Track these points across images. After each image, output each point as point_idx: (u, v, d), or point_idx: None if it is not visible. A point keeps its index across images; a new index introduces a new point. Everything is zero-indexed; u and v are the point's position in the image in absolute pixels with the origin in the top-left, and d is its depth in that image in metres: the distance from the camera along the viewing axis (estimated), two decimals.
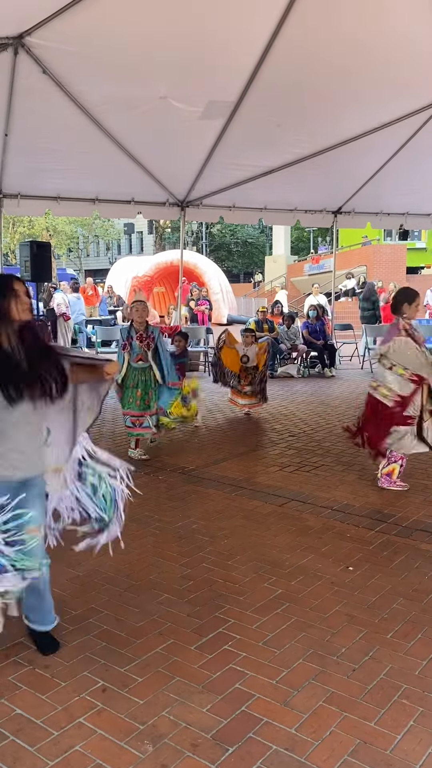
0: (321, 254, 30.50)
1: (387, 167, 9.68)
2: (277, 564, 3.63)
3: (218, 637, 2.88)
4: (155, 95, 7.06)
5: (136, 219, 23.96)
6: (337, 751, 2.18)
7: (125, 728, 2.28)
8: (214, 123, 7.93)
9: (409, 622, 3.01)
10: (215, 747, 2.19)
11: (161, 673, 2.61)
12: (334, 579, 3.44)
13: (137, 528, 4.16)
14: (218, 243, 46.71)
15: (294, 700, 2.44)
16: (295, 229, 38.19)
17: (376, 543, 3.93)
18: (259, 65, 6.59)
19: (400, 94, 7.57)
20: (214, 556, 3.74)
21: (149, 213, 10.93)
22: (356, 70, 6.81)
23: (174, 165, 9.30)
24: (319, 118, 8.07)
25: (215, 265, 25.71)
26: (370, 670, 2.63)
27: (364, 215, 11.82)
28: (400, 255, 24.35)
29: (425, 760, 2.14)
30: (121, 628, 2.95)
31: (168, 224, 34.97)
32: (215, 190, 10.24)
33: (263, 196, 10.59)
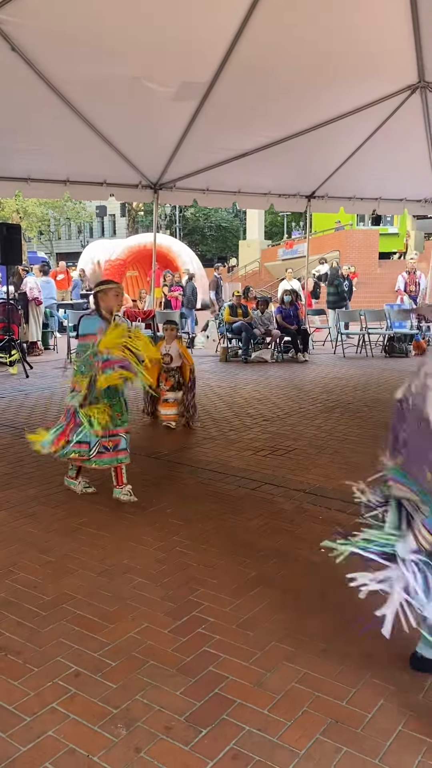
0: (294, 239, 30.49)
1: (360, 152, 9.69)
2: (250, 547, 3.65)
3: (192, 620, 2.89)
4: (127, 75, 6.94)
5: (108, 202, 23.71)
6: (309, 730, 2.20)
7: (98, 712, 2.28)
8: (188, 105, 7.84)
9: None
10: (188, 729, 2.21)
11: (135, 657, 2.61)
12: (307, 561, 3.47)
13: (111, 513, 4.15)
14: (192, 227, 46.41)
15: (267, 681, 2.46)
16: (269, 213, 38.14)
17: (347, 526, 3.96)
18: (232, 47, 6.52)
19: (374, 78, 7.57)
20: (188, 540, 3.74)
21: (122, 195, 10.79)
22: (329, 54, 6.78)
23: (147, 147, 9.19)
24: (292, 102, 8.03)
25: (189, 249, 25.54)
26: (342, 650, 2.67)
27: (338, 200, 11.84)
28: (373, 240, 24.45)
29: (395, 738, 2.18)
30: (94, 613, 2.94)
31: (141, 207, 34.64)
32: (189, 173, 10.15)
33: (237, 179, 10.54)
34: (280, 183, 11.10)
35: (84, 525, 3.96)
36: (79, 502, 4.35)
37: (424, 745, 2.15)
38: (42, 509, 4.23)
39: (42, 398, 8.08)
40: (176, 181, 10.45)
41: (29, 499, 4.42)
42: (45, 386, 8.99)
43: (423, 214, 14.44)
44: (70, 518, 4.06)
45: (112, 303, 4.39)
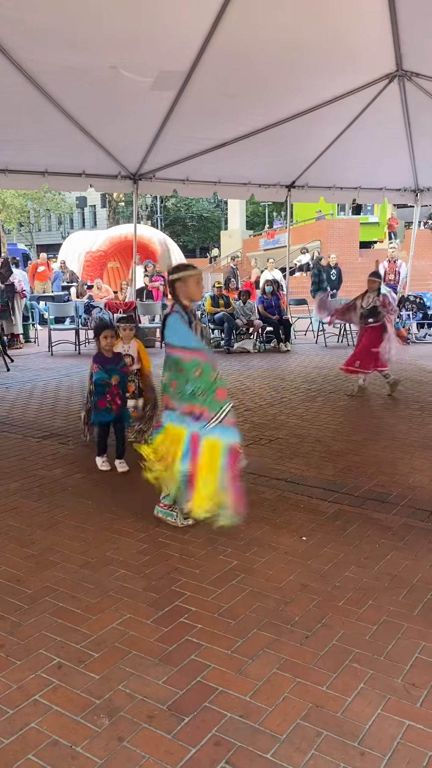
0: (276, 229, 30.49)
1: (339, 141, 9.70)
2: (232, 536, 3.67)
3: (174, 610, 2.91)
4: (104, 64, 6.87)
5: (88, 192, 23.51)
6: (289, 716, 2.24)
7: (81, 703, 2.30)
8: (166, 94, 7.79)
9: (360, 589, 3.09)
10: (171, 717, 2.23)
11: (117, 647, 2.63)
12: (288, 549, 3.51)
13: (93, 506, 4.15)
14: (173, 217, 46.20)
15: (248, 668, 2.49)
16: (250, 203, 38.07)
17: (328, 513, 4.01)
18: (210, 36, 6.47)
19: (351, 67, 7.56)
20: (170, 530, 3.76)
21: (101, 186, 10.72)
22: (307, 42, 6.75)
23: (125, 137, 9.11)
24: (271, 92, 8.00)
25: (170, 239, 25.44)
26: (322, 636, 2.70)
27: (318, 189, 11.84)
28: (354, 229, 24.51)
29: (374, 721, 2.22)
30: (77, 605, 2.95)
31: (121, 198, 34.38)
32: (168, 163, 10.10)
33: (217, 169, 10.50)
34: (260, 173, 11.09)
35: (66, 518, 3.96)
36: (60, 496, 4.35)
37: (402, 726, 2.19)
38: (24, 503, 4.22)
39: (23, 392, 8.03)
40: (156, 171, 10.39)
41: (11, 493, 4.41)
42: (26, 379, 8.94)
43: (402, 203, 14.49)
44: (52, 511, 4.06)
45: (194, 292, 3.69)
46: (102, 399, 4.75)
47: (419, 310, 12.61)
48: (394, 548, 3.51)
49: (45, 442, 5.66)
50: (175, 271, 3.66)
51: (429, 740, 2.13)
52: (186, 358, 3.43)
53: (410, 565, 3.32)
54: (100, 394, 4.76)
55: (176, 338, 3.52)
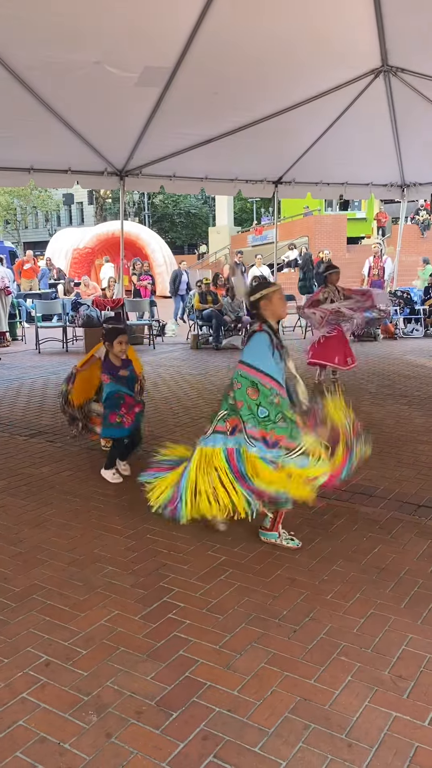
0: (264, 225, 30.49)
1: (326, 137, 9.69)
2: (220, 532, 3.67)
3: (162, 606, 2.91)
4: (89, 60, 6.83)
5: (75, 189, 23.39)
6: (277, 709, 2.25)
7: (69, 700, 2.29)
8: (152, 90, 7.75)
9: (347, 582, 3.11)
10: (159, 713, 2.23)
11: (105, 644, 2.63)
12: (275, 544, 3.51)
13: (80, 503, 4.14)
14: (161, 214, 46.07)
15: (236, 663, 2.50)
16: (237, 199, 38.02)
17: (316, 508, 4.01)
18: (195, 32, 6.44)
19: (337, 63, 7.56)
20: (158, 527, 3.75)
21: (87, 182, 10.65)
22: (293, 38, 6.74)
23: (111, 133, 9.07)
24: (257, 87, 7.98)
25: (158, 236, 25.38)
26: (310, 630, 2.72)
27: (305, 185, 11.84)
28: (341, 225, 24.56)
29: (361, 713, 2.23)
30: (65, 602, 2.95)
31: (108, 194, 34.24)
32: (155, 159, 10.06)
33: (204, 165, 10.47)
34: (247, 169, 11.06)
35: (54, 516, 3.95)
36: (48, 493, 4.33)
37: (389, 718, 2.21)
38: (11, 501, 4.20)
39: (10, 390, 7.99)
40: (142, 168, 10.35)
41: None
42: (14, 377, 8.89)
43: (389, 198, 14.53)
44: (39, 509, 4.05)
45: (280, 308, 3.46)
46: (114, 413, 4.33)
47: (406, 305, 12.67)
48: (382, 541, 3.53)
49: (32, 440, 5.64)
50: (257, 289, 3.45)
51: (415, 731, 2.14)
52: (264, 382, 3.23)
53: (397, 558, 3.34)
54: (113, 408, 4.34)
55: (259, 361, 3.29)
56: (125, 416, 4.35)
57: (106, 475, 4.53)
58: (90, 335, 11.23)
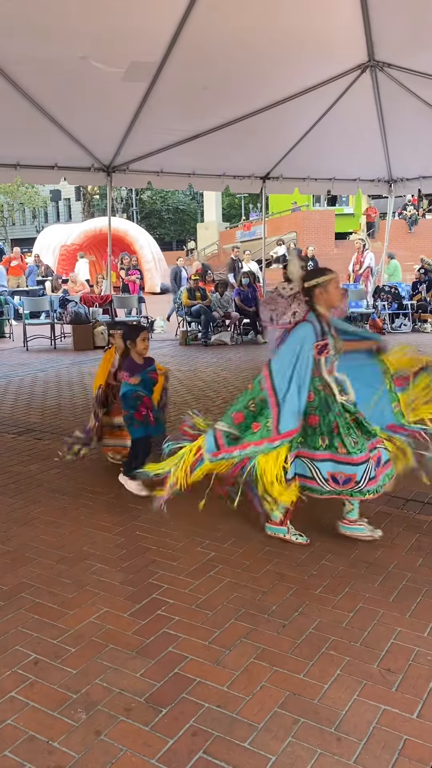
0: (252, 221, 30.46)
1: (313, 132, 9.68)
2: (210, 528, 3.67)
3: (152, 602, 2.90)
4: (75, 55, 6.78)
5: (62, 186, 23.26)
6: (266, 704, 2.25)
7: (58, 699, 2.28)
8: (138, 85, 7.71)
9: (336, 577, 3.11)
10: (149, 710, 2.23)
11: (95, 642, 2.62)
12: (265, 540, 3.52)
13: (69, 501, 4.13)
14: (149, 210, 45.94)
15: (226, 658, 2.50)
16: (226, 195, 38.00)
17: (305, 503, 4.01)
18: (181, 27, 6.41)
19: (324, 58, 7.54)
20: (147, 523, 3.75)
21: (74, 178, 10.57)
22: (279, 33, 6.72)
23: (98, 129, 9.01)
24: (243, 83, 7.95)
25: (146, 232, 25.29)
26: (299, 625, 2.72)
27: (292, 181, 11.82)
28: (329, 221, 24.62)
29: (350, 706, 2.24)
30: (53, 600, 2.93)
31: (96, 191, 34.09)
32: (142, 155, 10.01)
33: (191, 161, 10.43)
34: (235, 164, 11.03)
35: (42, 514, 3.93)
36: (36, 491, 4.31)
37: (378, 711, 2.21)
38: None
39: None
40: (129, 164, 10.29)
41: None
42: (1, 375, 8.84)
43: (377, 193, 14.54)
44: (27, 507, 4.02)
45: (335, 297, 3.32)
46: (138, 412, 4.13)
47: (394, 300, 12.70)
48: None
49: (20, 438, 5.61)
50: (312, 276, 3.31)
51: (404, 724, 2.15)
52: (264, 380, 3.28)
53: (386, 551, 3.35)
54: (134, 408, 4.13)
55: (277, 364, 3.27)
56: (148, 414, 4.14)
57: (132, 487, 4.19)
58: (78, 332, 11.20)
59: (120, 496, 4.18)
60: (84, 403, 6.94)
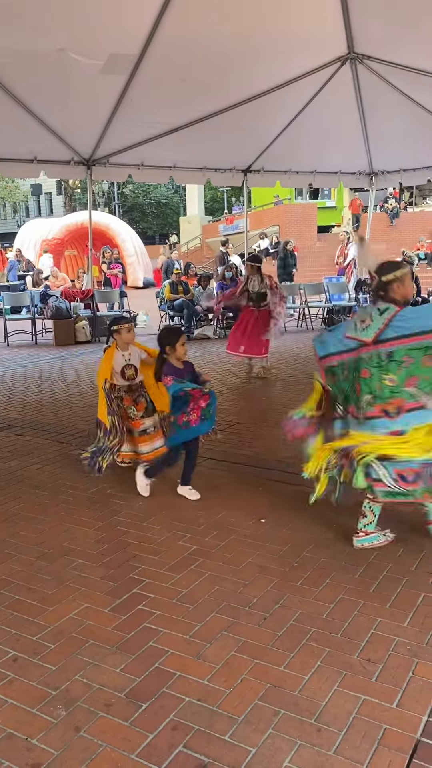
0: (235, 214, 30.41)
1: (294, 125, 9.67)
2: (191, 521, 3.67)
3: (132, 597, 2.89)
4: (53, 47, 6.70)
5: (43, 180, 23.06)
6: (247, 697, 2.25)
7: (37, 696, 2.27)
8: (117, 78, 7.64)
9: (318, 568, 3.12)
10: (128, 705, 2.22)
11: (74, 638, 2.60)
12: (247, 532, 3.52)
13: (49, 497, 4.10)
14: (131, 204, 45.67)
15: (206, 652, 2.49)
16: (208, 189, 37.87)
17: (287, 495, 4.02)
18: (159, 19, 6.36)
19: (303, 50, 7.52)
20: (128, 518, 3.73)
21: (53, 172, 10.50)
22: (258, 26, 6.69)
23: (77, 122, 8.92)
24: (223, 75, 7.92)
25: (128, 226, 25.14)
26: (280, 617, 2.72)
27: (274, 174, 11.81)
28: (311, 214, 24.64)
29: (331, 697, 2.24)
30: (33, 597, 2.91)
31: (77, 184, 33.84)
32: (122, 148, 9.93)
33: (172, 154, 10.38)
34: (216, 157, 10.99)
35: (23, 510, 3.90)
36: (16, 487, 4.28)
37: (358, 701, 2.22)
38: None
39: None
40: (110, 157, 10.22)
41: None
42: None
43: (358, 186, 14.58)
44: (7, 504, 3.99)
45: (409, 290, 3.37)
46: (183, 413, 3.85)
47: None
48: (352, 528, 3.54)
49: (0, 434, 5.56)
50: (389, 270, 3.27)
51: (384, 713, 2.16)
52: None
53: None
54: (182, 408, 3.86)
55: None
56: (191, 413, 3.85)
57: (142, 483, 4.07)
58: (59, 327, 11.12)
59: (101, 491, 4.16)
60: (65, 398, 6.90)
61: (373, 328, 3.21)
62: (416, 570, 3.08)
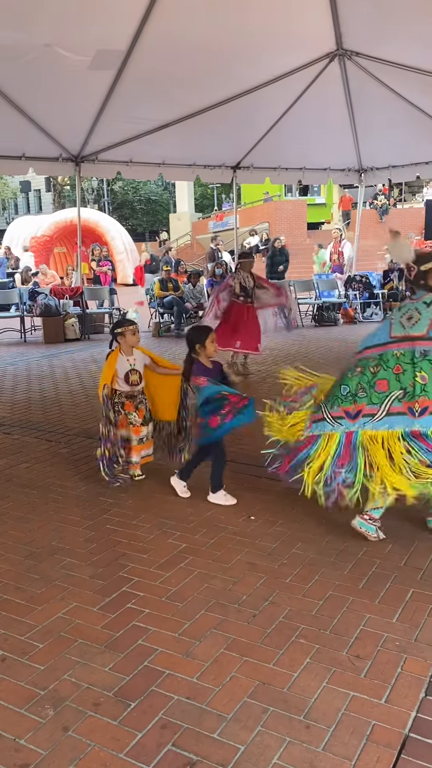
0: (225, 211, 30.35)
1: (283, 121, 9.67)
2: (181, 519, 3.66)
3: (122, 596, 2.88)
4: (39, 42, 6.65)
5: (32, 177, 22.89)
6: (236, 694, 2.25)
7: (25, 695, 2.26)
8: (105, 74, 7.60)
9: (307, 565, 3.12)
10: (117, 704, 2.21)
11: (63, 637, 2.59)
12: (237, 529, 3.52)
13: (38, 496, 4.08)
14: (121, 200, 45.48)
15: (196, 650, 2.49)
16: (198, 185, 37.77)
17: (277, 492, 4.02)
18: (147, 15, 6.33)
19: (292, 46, 7.52)
20: (118, 517, 3.72)
21: (42, 169, 10.44)
22: (247, 22, 6.68)
23: (65, 118, 8.88)
24: (212, 71, 7.90)
25: (118, 223, 25.05)
26: (269, 614, 2.72)
27: (263, 170, 11.81)
28: (301, 210, 24.64)
29: (319, 694, 2.25)
30: (21, 596, 2.90)
31: (66, 181, 33.68)
32: (111, 145, 9.90)
33: (161, 150, 10.35)
34: (205, 154, 10.98)
35: (11, 509, 3.88)
36: (4, 486, 4.25)
37: (347, 698, 2.23)
38: None
39: None
40: (98, 153, 10.17)
41: None
42: None
43: (348, 183, 14.59)
44: None
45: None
46: (216, 417, 3.73)
47: (365, 289, 12.77)
48: (341, 524, 3.55)
49: None
50: (427, 259, 3.33)
51: (372, 709, 2.17)
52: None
53: (356, 539, 3.36)
54: (216, 411, 3.73)
55: None
56: (226, 416, 3.75)
57: (178, 487, 4.01)
58: (48, 324, 11.07)
59: (90, 490, 4.14)
60: (54, 396, 6.87)
61: (423, 321, 3.23)
62: (405, 566, 3.09)
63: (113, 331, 4.20)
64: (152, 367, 4.23)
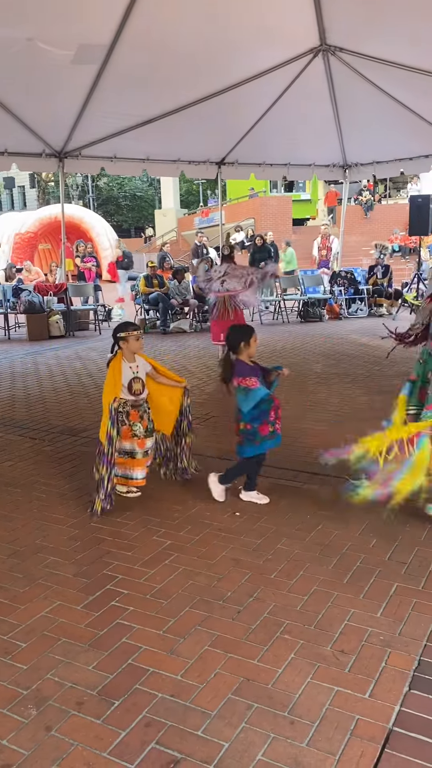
0: (210, 207, 30.29)
1: (267, 117, 9.66)
2: (166, 516, 3.65)
3: (105, 594, 2.87)
4: (21, 36, 6.59)
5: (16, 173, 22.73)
6: (221, 691, 2.24)
7: (8, 696, 2.23)
8: (88, 68, 7.55)
9: (291, 560, 3.12)
10: (101, 702, 2.20)
11: (46, 636, 2.57)
12: (222, 526, 3.51)
13: (22, 494, 4.05)
14: (106, 197, 45.25)
15: (180, 647, 2.48)
16: (183, 181, 37.67)
17: (262, 488, 4.02)
18: (130, 9, 6.30)
19: (276, 42, 7.52)
20: (102, 514, 3.69)
21: (25, 165, 10.36)
22: (231, 17, 6.68)
23: (48, 113, 8.81)
24: (196, 67, 7.88)
25: (103, 219, 24.93)
26: (254, 610, 2.72)
27: (248, 166, 11.80)
28: (286, 207, 24.63)
29: (304, 689, 2.24)
30: (4, 595, 2.87)
31: (51, 177, 33.45)
32: (95, 140, 9.85)
33: (145, 146, 10.31)
34: (190, 149, 10.95)
35: None
36: None
37: (331, 693, 2.23)
38: None
39: None
40: (82, 149, 10.12)
41: None
42: None
43: (333, 179, 14.62)
44: None
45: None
46: (265, 423, 3.61)
47: (350, 285, 12.81)
48: (326, 518, 3.56)
49: None
50: None
51: (357, 704, 2.17)
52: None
53: (341, 533, 3.38)
54: (264, 416, 3.61)
55: None
56: (276, 422, 3.65)
57: (216, 491, 3.82)
58: (32, 321, 10.99)
59: (74, 488, 4.12)
60: (39, 393, 6.83)
61: None
62: (389, 560, 3.10)
63: (115, 335, 3.87)
64: (153, 376, 3.95)
